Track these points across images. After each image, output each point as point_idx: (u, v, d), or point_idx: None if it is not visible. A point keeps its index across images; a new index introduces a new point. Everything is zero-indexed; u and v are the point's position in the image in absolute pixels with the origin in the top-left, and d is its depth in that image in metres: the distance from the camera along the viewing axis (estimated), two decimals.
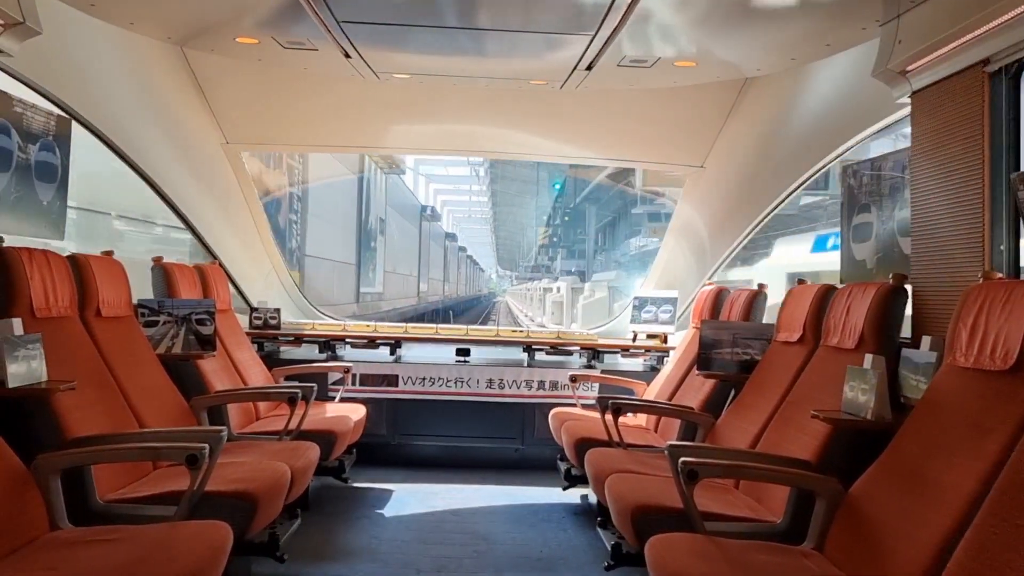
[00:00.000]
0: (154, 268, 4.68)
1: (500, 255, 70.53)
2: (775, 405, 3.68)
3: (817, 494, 2.74)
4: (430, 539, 4.24)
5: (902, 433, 2.68)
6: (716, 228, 6.06)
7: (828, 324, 3.53)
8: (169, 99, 5.08)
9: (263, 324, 6.05)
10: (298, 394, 4.15)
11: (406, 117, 5.85)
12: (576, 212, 46.98)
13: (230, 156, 5.79)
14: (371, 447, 5.57)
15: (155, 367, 4.06)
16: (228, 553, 2.50)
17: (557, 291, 28.71)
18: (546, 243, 52.51)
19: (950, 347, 2.65)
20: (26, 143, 3.73)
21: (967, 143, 2.96)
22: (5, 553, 2.41)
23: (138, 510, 2.92)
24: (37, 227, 3.87)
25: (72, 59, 4.10)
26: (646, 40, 4.04)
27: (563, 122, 5.72)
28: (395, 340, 6.17)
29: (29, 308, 3.14)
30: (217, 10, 3.95)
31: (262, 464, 3.44)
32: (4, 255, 3.10)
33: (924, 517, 2.31)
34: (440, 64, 4.71)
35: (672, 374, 5.33)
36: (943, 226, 3.11)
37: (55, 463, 2.70)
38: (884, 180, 3.79)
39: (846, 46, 3.92)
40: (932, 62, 3.13)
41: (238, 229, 6.20)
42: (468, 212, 66.61)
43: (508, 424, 5.84)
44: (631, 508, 3.04)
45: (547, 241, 53.13)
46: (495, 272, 77.23)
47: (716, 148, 5.62)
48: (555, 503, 4.97)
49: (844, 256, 4.12)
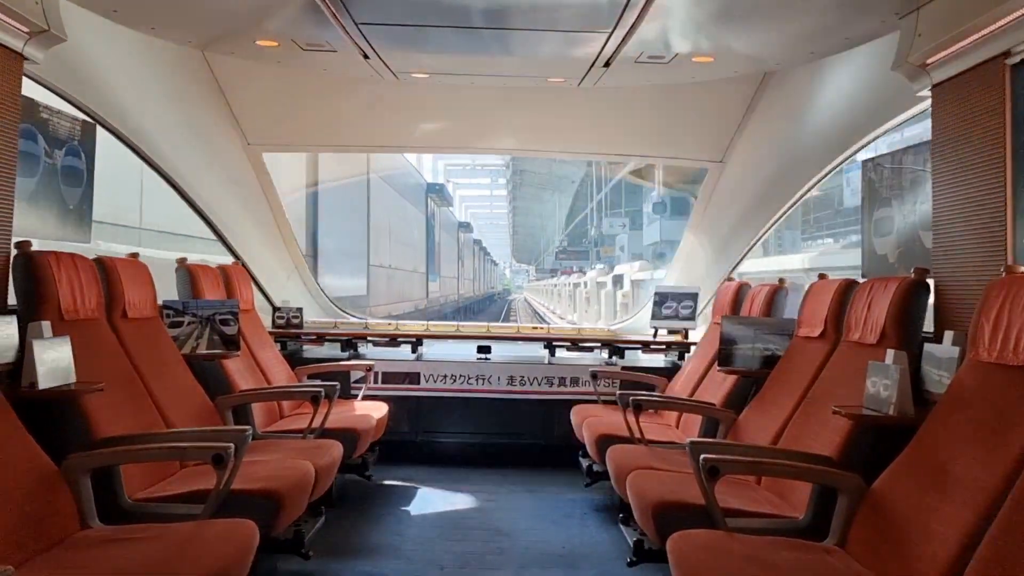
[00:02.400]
0: (178, 269, 4.74)
1: (516, 246, 64.89)
2: (797, 401, 3.67)
3: (839, 490, 2.74)
4: (453, 535, 4.27)
5: (925, 429, 2.67)
6: (736, 223, 6.04)
7: (850, 319, 3.51)
8: (191, 103, 5.15)
9: (286, 323, 6.12)
10: (321, 393, 4.19)
11: (425, 116, 5.88)
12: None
13: (252, 158, 5.85)
14: (394, 444, 5.61)
15: (180, 367, 4.12)
16: (255, 551, 2.54)
17: (613, 284, 25.12)
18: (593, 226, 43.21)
19: (973, 342, 2.63)
20: (52, 148, 3.80)
21: (989, 136, 2.94)
22: (38, 551, 2.46)
23: (166, 508, 2.97)
24: (64, 230, 3.94)
25: (96, 65, 4.16)
26: (664, 36, 4.04)
27: (581, 119, 5.72)
28: (416, 338, 6.21)
29: (58, 311, 3.20)
30: (238, 14, 3.99)
31: (286, 462, 3.49)
32: (33, 259, 3.16)
33: (948, 513, 2.30)
34: (458, 63, 4.74)
35: (693, 370, 5.32)
36: (965, 220, 3.09)
37: (85, 463, 2.75)
38: (905, 174, 3.77)
39: (865, 39, 3.89)
40: (952, 55, 3.10)
41: (260, 229, 6.26)
42: (484, 199, 61.14)
43: (529, 421, 5.86)
44: (653, 504, 3.04)
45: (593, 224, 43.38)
46: (509, 267, 72.15)
47: (736, 143, 5.60)
48: (577, 499, 4.98)
49: (865, 251, 4.10)
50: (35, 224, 3.68)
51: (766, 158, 5.48)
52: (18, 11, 2.96)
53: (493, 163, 51.20)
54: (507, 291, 68.76)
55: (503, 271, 77.74)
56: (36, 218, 3.71)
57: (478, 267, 67.59)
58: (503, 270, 77.75)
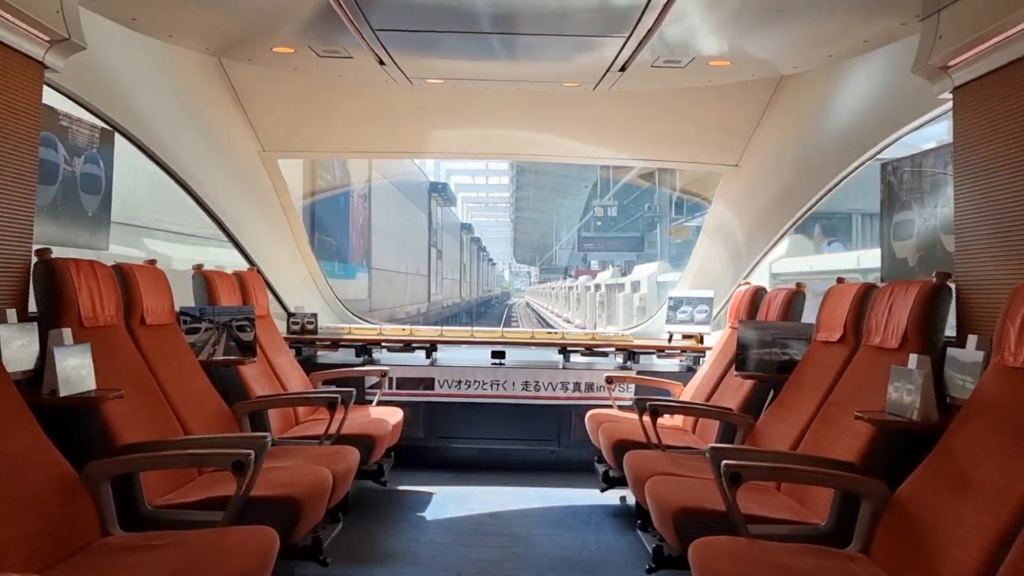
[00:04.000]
0: (195, 276, 4.75)
1: (518, 244, 58.39)
2: (816, 406, 3.64)
3: (863, 496, 2.71)
4: (470, 542, 4.26)
5: (949, 434, 2.64)
6: (752, 227, 6.01)
7: (870, 323, 3.49)
8: (207, 109, 5.17)
9: (300, 329, 6.13)
10: (337, 399, 4.20)
11: (440, 121, 5.89)
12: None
13: (267, 164, 5.87)
14: (409, 450, 5.61)
15: (198, 373, 4.13)
16: (275, 558, 2.54)
17: (630, 287, 23.36)
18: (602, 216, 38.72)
19: (998, 346, 2.60)
20: (72, 156, 3.82)
21: (1012, 138, 2.91)
22: (60, 559, 2.47)
23: (186, 515, 2.97)
24: (83, 237, 3.96)
25: (115, 73, 4.19)
26: (680, 40, 4.03)
27: (596, 123, 5.71)
28: (430, 343, 6.21)
29: (78, 318, 3.21)
30: (255, 21, 4.01)
31: (304, 469, 3.48)
32: (53, 267, 3.17)
33: (974, 520, 2.28)
34: (473, 69, 4.74)
35: (709, 375, 5.29)
36: (988, 223, 3.06)
37: (106, 470, 2.75)
38: (925, 177, 3.74)
39: (884, 42, 3.86)
40: (974, 57, 3.08)
41: (275, 235, 6.28)
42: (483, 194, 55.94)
43: (545, 426, 5.85)
44: (673, 511, 3.02)
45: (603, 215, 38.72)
46: (508, 268, 65.16)
47: (751, 147, 5.58)
48: (593, 505, 4.96)
49: (885, 254, 4.07)
50: (55, 233, 3.70)
51: (782, 162, 5.45)
52: (39, 20, 2.98)
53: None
54: (506, 294, 64.05)
55: (501, 272, 71.76)
56: (55, 226, 3.73)
57: (468, 261, 59.12)
58: (501, 271, 72.05)
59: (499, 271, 70.99)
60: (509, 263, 67.62)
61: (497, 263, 71.36)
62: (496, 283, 67.90)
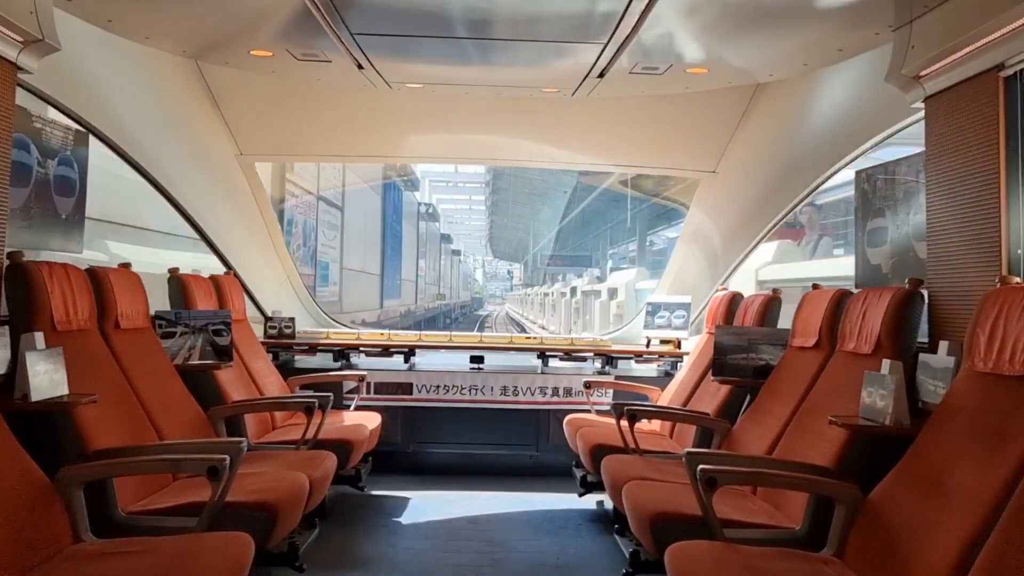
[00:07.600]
0: (170, 279, 4.71)
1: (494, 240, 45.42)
2: (791, 411, 3.67)
3: (836, 500, 2.74)
4: (447, 547, 4.25)
5: (921, 439, 2.68)
6: (729, 233, 6.06)
7: (844, 329, 3.53)
8: (184, 112, 5.13)
9: (278, 333, 6.09)
10: (315, 403, 4.17)
11: (419, 126, 5.88)
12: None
13: (244, 167, 5.84)
14: (387, 455, 5.58)
15: (173, 378, 4.09)
16: (251, 564, 2.52)
17: (607, 294, 23.12)
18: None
19: (968, 352, 2.64)
20: (45, 158, 3.77)
21: (983, 147, 2.96)
22: (31, 566, 2.43)
23: (160, 521, 2.94)
24: (56, 240, 3.92)
25: (89, 74, 4.15)
26: (658, 47, 4.06)
27: (575, 129, 5.73)
28: (409, 348, 6.19)
29: (50, 322, 3.18)
30: (232, 24, 3.98)
31: (281, 474, 3.46)
32: (25, 270, 3.13)
33: (945, 523, 2.31)
34: (452, 73, 4.74)
35: (686, 379, 5.33)
36: (959, 230, 3.10)
37: (78, 476, 2.72)
38: (898, 185, 3.79)
39: (859, 51, 3.91)
40: (946, 67, 3.13)
41: (252, 239, 6.24)
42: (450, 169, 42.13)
43: (523, 431, 5.85)
44: (649, 515, 3.04)
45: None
46: (481, 267, 49.45)
47: (729, 153, 5.63)
48: (571, 510, 4.96)
49: (859, 261, 4.11)
50: (27, 236, 3.65)
51: (759, 168, 5.50)
52: (12, 20, 2.95)
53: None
54: (478, 300, 49.63)
55: (472, 271, 52.85)
56: (28, 229, 3.68)
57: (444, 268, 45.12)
58: (472, 270, 53.95)
59: (469, 269, 53.22)
60: (483, 260, 51.02)
61: (466, 259, 53.82)
62: (466, 284, 51.71)
